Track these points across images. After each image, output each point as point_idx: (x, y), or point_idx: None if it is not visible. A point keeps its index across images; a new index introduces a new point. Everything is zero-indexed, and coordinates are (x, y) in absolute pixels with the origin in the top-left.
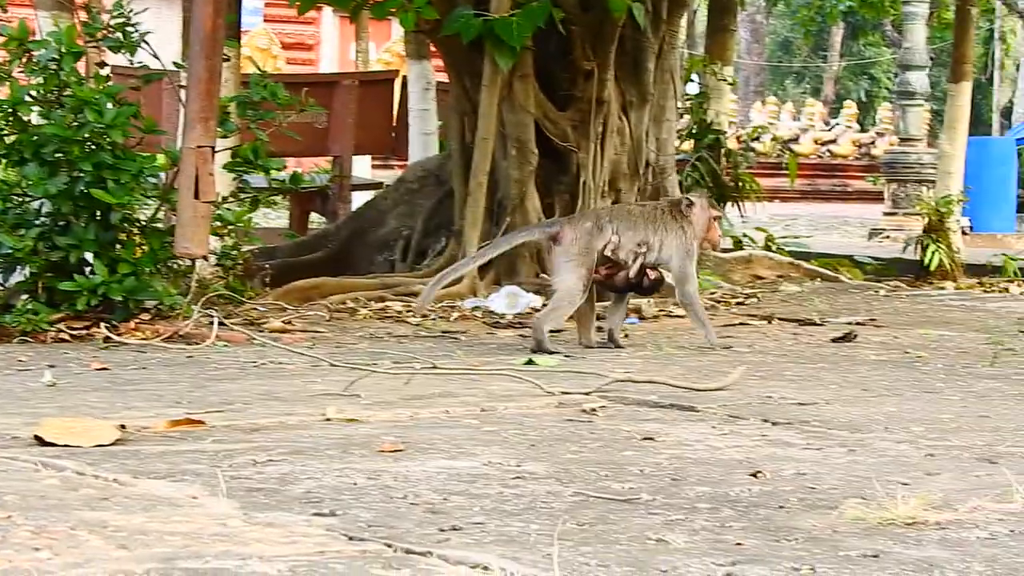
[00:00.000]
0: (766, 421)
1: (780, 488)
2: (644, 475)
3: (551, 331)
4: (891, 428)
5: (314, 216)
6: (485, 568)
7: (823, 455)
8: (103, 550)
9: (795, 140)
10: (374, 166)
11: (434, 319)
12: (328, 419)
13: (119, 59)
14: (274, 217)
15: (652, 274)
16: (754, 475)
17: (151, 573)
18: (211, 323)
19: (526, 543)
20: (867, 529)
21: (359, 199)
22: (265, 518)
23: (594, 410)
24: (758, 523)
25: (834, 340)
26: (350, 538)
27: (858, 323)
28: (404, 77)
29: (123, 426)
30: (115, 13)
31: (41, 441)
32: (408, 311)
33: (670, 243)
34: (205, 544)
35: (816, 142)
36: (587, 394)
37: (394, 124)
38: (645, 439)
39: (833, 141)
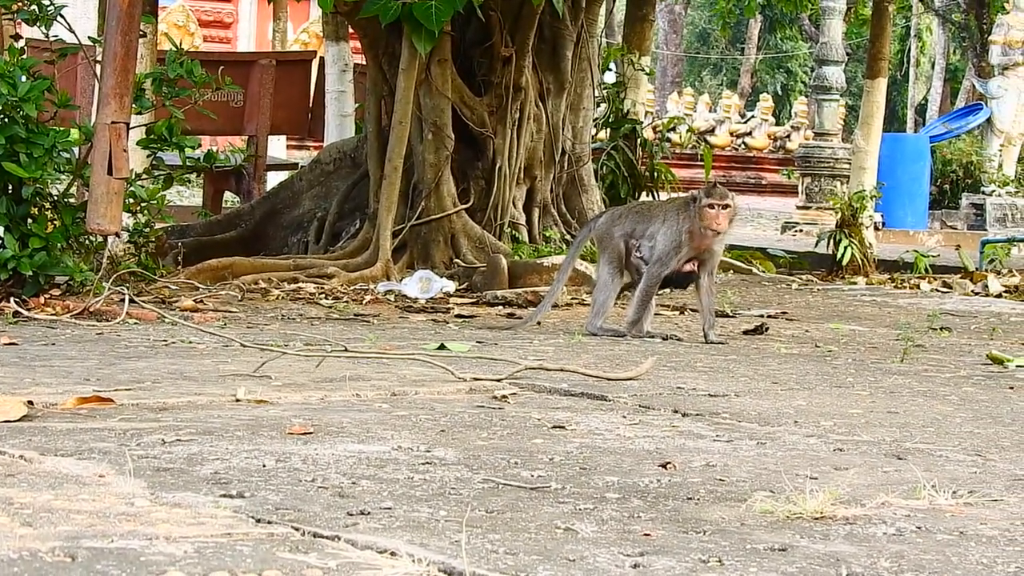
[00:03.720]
0: (676, 412)
1: (689, 479)
2: (554, 463)
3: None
4: (801, 422)
5: (228, 195)
6: (393, 554)
7: (733, 447)
8: (8, 527)
9: (711, 132)
10: (289, 147)
11: (346, 302)
12: (238, 400)
13: (34, 32)
14: (188, 195)
15: (685, 268)
16: (664, 466)
17: (56, 551)
18: (122, 300)
19: (435, 529)
20: (775, 522)
21: (274, 179)
22: (172, 498)
23: (505, 397)
24: (667, 514)
25: (746, 332)
26: (257, 520)
27: (770, 316)
28: (321, 58)
29: (31, 402)
30: None
31: None
32: (321, 293)
33: (663, 232)
34: (111, 523)
35: (732, 134)
36: (498, 381)
37: (311, 105)
38: (555, 427)
39: (748, 134)
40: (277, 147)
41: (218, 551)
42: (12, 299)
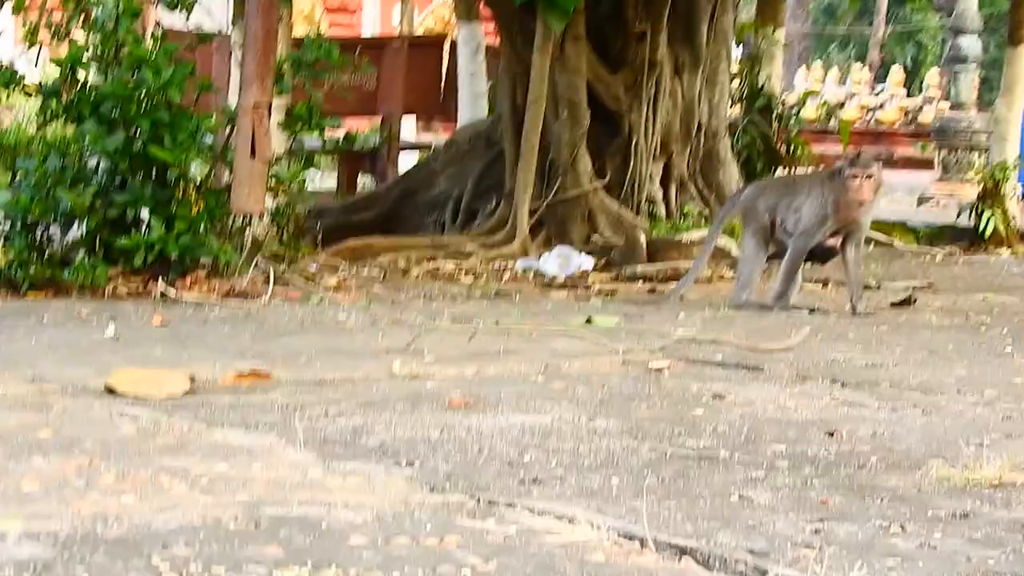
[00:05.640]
0: (835, 382)
1: (858, 448)
2: (718, 433)
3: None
4: (964, 391)
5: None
6: (571, 520)
7: (897, 416)
8: (188, 495)
9: (840, 106)
10: (418, 128)
11: (486, 279)
12: (394, 374)
13: (172, 20)
14: (320, 177)
15: (828, 242)
16: (830, 434)
17: (239, 518)
18: (266, 280)
19: (608, 497)
20: (953, 489)
21: (405, 160)
22: (344, 468)
23: (660, 369)
24: (840, 482)
25: (893, 304)
26: (432, 489)
27: (916, 287)
28: (453, 40)
29: (193, 377)
30: None
31: (112, 391)
32: (459, 271)
33: (808, 205)
34: (288, 492)
35: (862, 108)
36: (653, 352)
37: (443, 86)
38: (715, 397)
39: (880, 107)
40: (407, 128)
41: (397, 518)
42: (159, 280)
